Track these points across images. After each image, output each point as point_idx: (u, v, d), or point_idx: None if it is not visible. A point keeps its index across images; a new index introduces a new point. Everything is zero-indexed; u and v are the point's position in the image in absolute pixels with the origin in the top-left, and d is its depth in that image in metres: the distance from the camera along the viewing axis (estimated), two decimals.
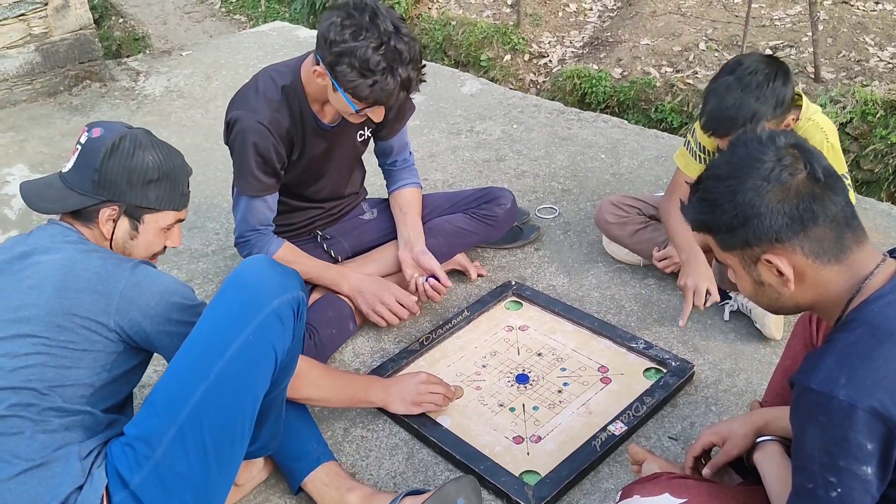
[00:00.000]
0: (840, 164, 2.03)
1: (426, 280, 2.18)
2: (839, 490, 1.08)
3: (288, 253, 2.14)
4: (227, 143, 2.06)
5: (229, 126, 2.02)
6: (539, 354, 2.08)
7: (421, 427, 1.85)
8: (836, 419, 1.05)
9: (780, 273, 1.16)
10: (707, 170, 1.21)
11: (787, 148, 1.15)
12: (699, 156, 2.20)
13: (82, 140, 1.49)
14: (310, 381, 1.69)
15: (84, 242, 1.46)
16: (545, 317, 2.22)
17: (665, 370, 1.97)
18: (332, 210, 2.32)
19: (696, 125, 2.19)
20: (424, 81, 1.91)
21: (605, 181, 2.93)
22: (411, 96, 2.22)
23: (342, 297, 2.18)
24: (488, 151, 3.23)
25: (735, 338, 2.10)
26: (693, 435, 1.82)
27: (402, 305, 2.14)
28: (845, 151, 3.53)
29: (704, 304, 2.02)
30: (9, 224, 2.97)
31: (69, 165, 1.50)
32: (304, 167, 2.13)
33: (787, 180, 1.12)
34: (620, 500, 1.37)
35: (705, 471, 1.51)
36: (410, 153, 2.39)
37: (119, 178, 1.47)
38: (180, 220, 1.63)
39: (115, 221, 1.50)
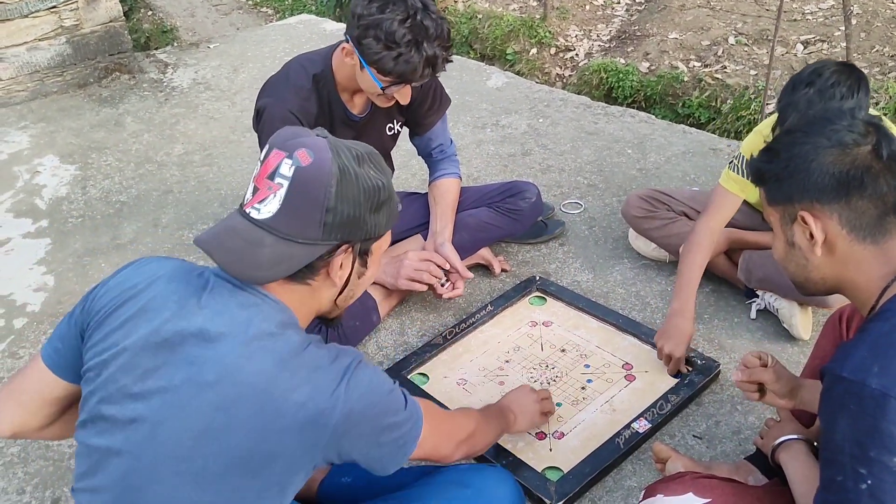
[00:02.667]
0: None
1: (444, 283, 2.20)
2: (869, 482, 1.05)
3: None
4: (255, 130, 2.07)
5: (258, 114, 2.03)
6: (563, 350, 2.07)
7: None
8: (867, 408, 1.02)
9: (812, 236, 1.13)
10: (785, 126, 1.21)
11: (864, 123, 1.13)
12: (744, 172, 2.03)
13: (285, 171, 1.09)
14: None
15: (283, 332, 1.08)
16: (569, 312, 2.21)
17: (690, 368, 1.95)
18: None
19: (746, 145, 2.06)
20: (451, 62, 1.90)
21: (631, 176, 2.91)
22: (446, 90, 2.22)
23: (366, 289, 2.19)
24: (513, 145, 3.22)
25: (762, 336, 2.08)
26: (718, 434, 1.81)
27: (425, 261, 2.15)
28: None
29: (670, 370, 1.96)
30: (39, 214, 3.01)
31: (272, 207, 1.09)
32: None
33: (850, 146, 1.11)
34: (644, 498, 1.36)
35: (735, 375, 1.53)
36: (451, 142, 2.38)
37: (355, 210, 1.11)
38: None
39: (350, 265, 1.17)
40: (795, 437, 1.39)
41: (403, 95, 1.93)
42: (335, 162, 1.10)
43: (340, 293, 1.20)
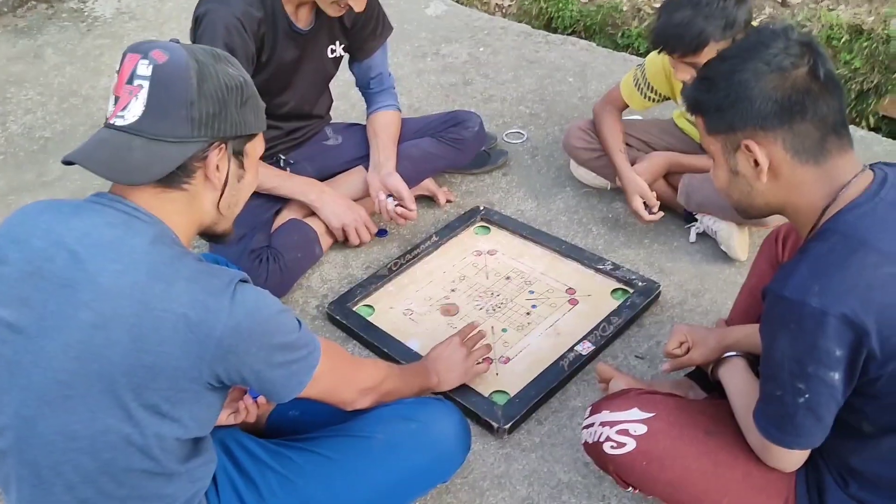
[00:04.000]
0: None
1: (389, 199, 2.16)
2: (807, 396, 1.10)
3: None
4: (192, 38, 1.94)
5: (197, 21, 1.91)
6: (507, 278, 2.09)
7: (390, 350, 1.86)
8: (807, 326, 1.06)
9: (757, 163, 1.14)
10: (718, 53, 1.19)
11: (798, 43, 1.13)
12: (646, 94, 2.20)
13: (142, 71, 1.07)
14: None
15: (158, 242, 1.07)
16: (514, 241, 2.22)
17: (632, 290, 1.99)
18: (295, 133, 2.26)
19: (646, 60, 2.18)
20: None
21: (573, 105, 2.90)
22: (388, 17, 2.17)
23: (307, 221, 2.15)
24: (455, 75, 3.17)
25: (701, 259, 2.12)
26: (659, 354, 1.86)
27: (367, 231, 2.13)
28: None
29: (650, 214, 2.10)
30: None
31: (136, 111, 1.06)
32: (271, 73, 2.03)
33: (788, 69, 1.11)
34: (590, 415, 1.39)
35: (665, 367, 1.60)
36: (390, 75, 2.33)
37: (220, 105, 1.10)
38: None
39: (226, 165, 1.15)
40: (734, 353, 1.44)
41: (358, 3, 1.89)
42: (191, 57, 1.09)
43: (221, 196, 1.17)
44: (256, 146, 1.22)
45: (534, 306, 1.99)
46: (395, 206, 2.15)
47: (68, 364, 1.02)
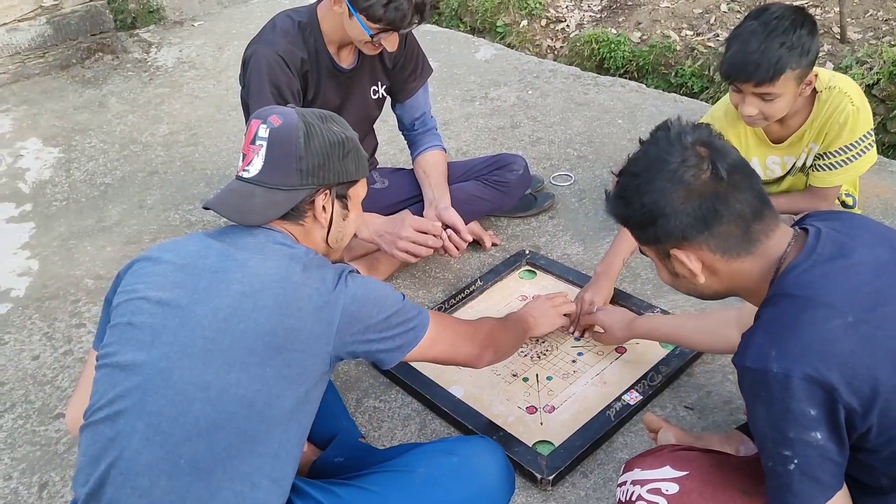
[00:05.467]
0: (867, 122, 1.96)
1: (447, 231, 2.15)
2: (796, 461, 1.08)
3: None
4: (242, 83, 2.04)
5: (245, 64, 2.02)
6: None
7: (433, 397, 1.84)
8: (775, 392, 1.05)
9: (690, 269, 1.17)
10: (625, 165, 1.22)
11: (695, 146, 1.15)
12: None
13: (262, 133, 1.31)
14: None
15: (293, 245, 1.30)
16: (559, 286, 2.18)
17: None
18: None
19: (708, 116, 2.15)
20: (437, 9, 1.93)
21: (622, 147, 2.87)
22: (435, 63, 2.20)
23: (359, 264, 2.17)
24: (503, 118, 3.18)
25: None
26: (709, 404, 1.79)
27: (422, 233, 2.09)
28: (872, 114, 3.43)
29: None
30: (22, 198, 2.97)
31: (257, 165, 1.31)
32: None
33: (690, 181, 1.13)
34: (623, 472, 1.35)
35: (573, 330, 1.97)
36: (432, 117, 2.36)
37: (324, 158, 1.32)
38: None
39: (331, 207, 1.36)
40: None
41: (391, 43, 1.95)
42: (301, 120, 1.32)
43: (329, 232, 1.38)
44: (359, 190, 1.44)
45: (580, 354, 1.94)
46: (451, 234, 2.15)
47: (217, 324, 1.18)
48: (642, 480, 1.31)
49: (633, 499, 1.31)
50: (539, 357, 1.95)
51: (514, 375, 1.90)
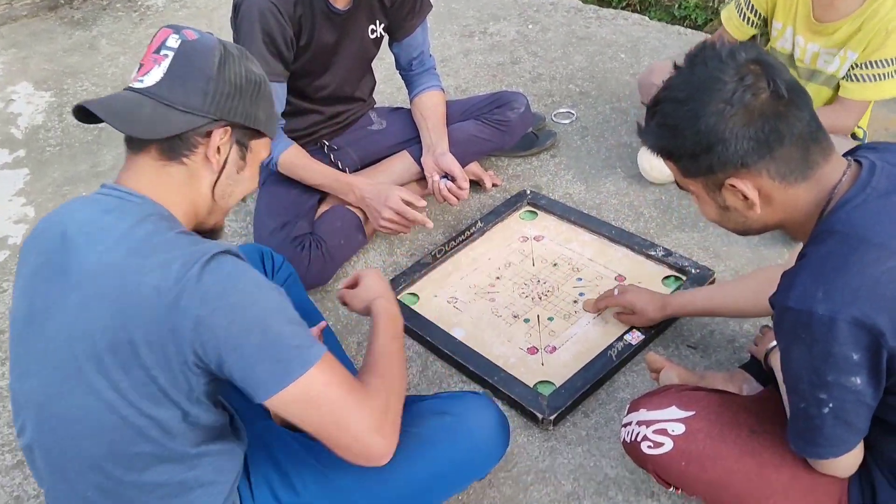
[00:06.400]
0: None
1: (441, 180, 2.11)
2: (831, 405, 1.06)
3: (297, 156, 2.06)
4: (233, 27, 1.97)
5: (236, 9, 1.93)
6: (555, 265, 2.03)
7: (434, 339, 1.83)
8: (818, 335, 1.01)
9: (746, 197, 1.10)
10: (665, 90, 1.13)
11: (748, 64, 1.07)
12: (747, 16, 2.11)
13: (171, 44, 1.12)
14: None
15: (141, 219, 1.07)
16: (561, 226, 2.15)
17: (684, 277, 1.91)
18: (338, 118, 2.23)
19: None
20: None
21: (624, 82, 2.80)
22: None
23: (351, 207, 2.13)
24: (502, 54, 3.09)
25: (759, 242, 2.02)
26: (713, 343, 1.78)
27: (409, 206, 2.02)
28: None
29: None
30: (15, 143, 2.92)
31: (155, 76, 1.11)
32: (311, 56, 2.02)
33: (751, 101, 1.05)
34: (628, 413, 1.35)
35: (587, 306, 1.86)
36: (430, 56, 2.29)
37: (235, 89, 1.14)
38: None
39: (227, 150, 1.16)
40: None
41: None
42: (220, 42, 1.16)
43: (217, 181, 1.17)
44: (262, 148, 1.23)
45: (581, 294, 1.93)
46: (444, 180, 2.10)
47: (63, 346, 1.05)
48: (648, 421, 1.30)
49: (639, 439, 1.30)
50: (540, 298, 1.93)
51: (515, 317, 1.89)
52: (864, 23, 1.88)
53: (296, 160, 2.05)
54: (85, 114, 1.13)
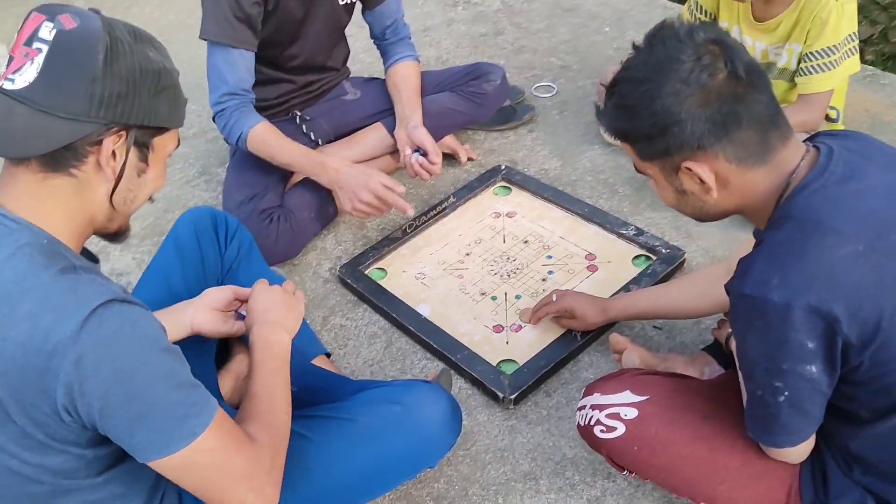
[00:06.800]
0: (852, 22, 1.87)
1: (414, 154, 2.06)
2: (786, 393, 1.05)
3: (267, 132, 1.96)
4: None
5: None
6: (525, 242, 2.01)
7: (399, 316, 1.82)
8: (773, 322, 1.00)
9: (702, 181, 1.07)
10: (622, 71, 1.10)
11: (707, 44, 1.04)
12: (696, 17, 2.08)
13: (44, 35, 0.94)
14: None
15: (19, 252, 0.93)
16: (534, 202, 2.13)
17: (654, 258, 1.90)
18: (310, 87, 2.19)
19: None
20: None
21: (607, 56, 2.75)
22: None
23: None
24: (485, 24, 3.04)
25: (730, 223, 1.99)
26: (678, 324, 1.77)
27: (387, 190, 1.94)
28: (873, 23, 3.29)
29: None
30: None
31: (28, 76, 0.93)
32: (278, 23, 1.96)
33: (708, 82, 1.02)
34: (583, 396, 1.34)
35: (526, 318, 1.79)
36: (405, 24, 2.23)
37: (129, 87, 0.97)
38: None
39: (123, 155, 1.01)
40: None
41: None
42: (106, 30, 0.96)
43: (115, 188, 1.02)
44: (167, 143, 1.07)
45: (550, 272, 1.91)
46: (416, 154, 2.05)
47: None
48: (601, 405, 1.29)
49: (592, 423, 1.30)
50: (509, 276, 1.92)
51: (483, 294, 1.87)
52: (799, 14, 1.87)
53: (267, 137, 1.96)
54: None
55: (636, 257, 1.92)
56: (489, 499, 1.49)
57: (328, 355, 1.70)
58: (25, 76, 0.93)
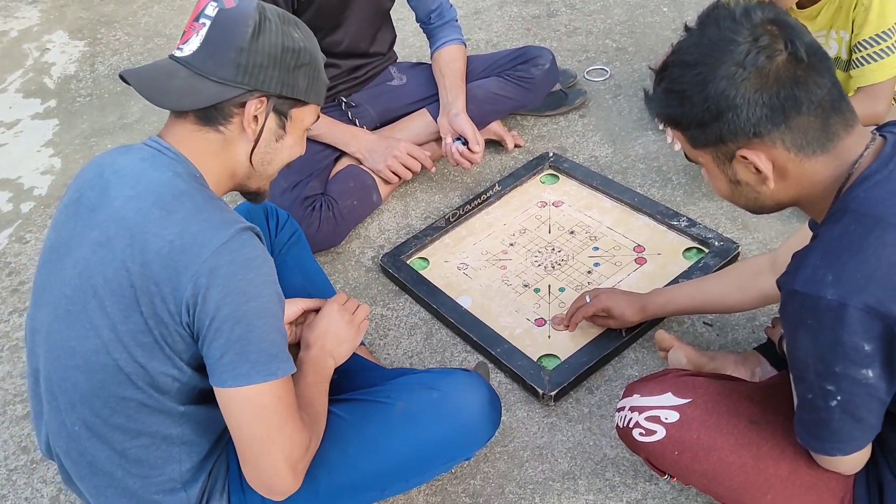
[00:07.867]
0: (892, 14, 1.74)
1: (455, 143, 2.03)
2: (839, 398, 0.98)
3: None
4: None
5: None
6: (571, 232, 1.95)
7: (440, 307, 1.78)
8: (826, 322, 0.93)
9: (758, 170, 1.00)
10: (673, 54, 1.02)
11: (765, 24, 0.96)
12: None
13: (209, 12, 1.12)
14: None
15: (177, 176, 1.09)
16: (582, 191, 2.06)
17: (707, 250, 1.81)
18: (356, 73, 2.16)
19: None
20: None
21: (665, 38, 2.65)
22: None
23: (366, 168, 2.07)
24: (538, 5, 2.96)
25: (790, 214, 1.90)
26: (731, 321, 1.69)
27: (414, 158, 2.01)
28: None
29: None
30: (48, 93, 2.94)
31: (193, 45, 1.11)
32: (317, 9, 1.94)
33: (765, 64, 0.95)
34: (623, 397, 1.28)
35: (559, 324, 1.71)
36: (451, 6, 2.18)
37: (270, 60, 1.12)
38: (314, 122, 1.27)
39: (263, 119, 1.15)
40: None
41: None
42: (258, 10, 1.13)
43: (254, 149, 1.16)
44: (305, 116, 1.21)
45: (596, 265, 1.85)
46: (456, 142, 2.02)
47: (74, 280, 1.08)
48: (641, 407, 1.24)
49: (630, 425, 1.25)
50: (553, 267, 1.86)
51: (526, 286, 1.82)
52: (841, 1, 1.77)
53: None
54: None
55: (687, 250, 1.84)
56: (526, 497, 1.45)
57: (362, 344, 1.69)
58: (191, 45, 1.12)
